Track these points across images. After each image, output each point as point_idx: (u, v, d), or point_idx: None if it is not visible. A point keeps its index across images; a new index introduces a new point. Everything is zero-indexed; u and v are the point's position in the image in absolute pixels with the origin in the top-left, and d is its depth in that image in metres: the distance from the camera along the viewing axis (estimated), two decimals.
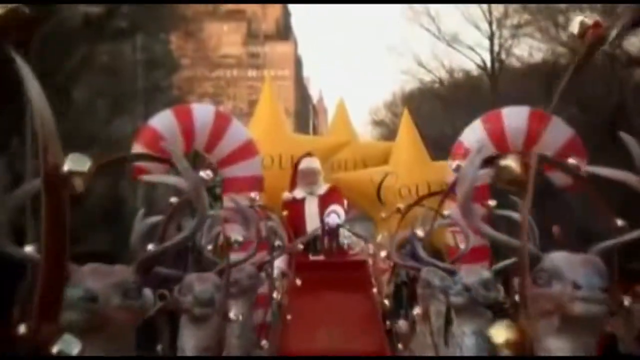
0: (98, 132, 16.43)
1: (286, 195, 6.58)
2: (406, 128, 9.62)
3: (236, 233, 3.87)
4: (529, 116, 6.55)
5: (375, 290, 4.99)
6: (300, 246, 5.12)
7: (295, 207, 6.32)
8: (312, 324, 4.65)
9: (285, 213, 5.81)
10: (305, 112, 53.98)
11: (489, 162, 2.19)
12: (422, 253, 4.02)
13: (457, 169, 2.59)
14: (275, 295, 4.57)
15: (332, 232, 5.75)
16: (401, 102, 28.03)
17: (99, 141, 16.28)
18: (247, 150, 7.18)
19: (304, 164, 6.75)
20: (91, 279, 2.03)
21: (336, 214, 5.85)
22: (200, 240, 3.94)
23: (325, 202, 6.27)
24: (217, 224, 3.89)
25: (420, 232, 4.13)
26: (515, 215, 3.34)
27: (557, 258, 2.13)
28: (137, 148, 6.91)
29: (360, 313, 4.80)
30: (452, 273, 3.62)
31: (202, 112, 7.24)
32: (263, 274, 4.22)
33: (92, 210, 16.47)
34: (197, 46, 28.82)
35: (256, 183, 7.41)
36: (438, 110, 22.25)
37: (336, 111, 11.87)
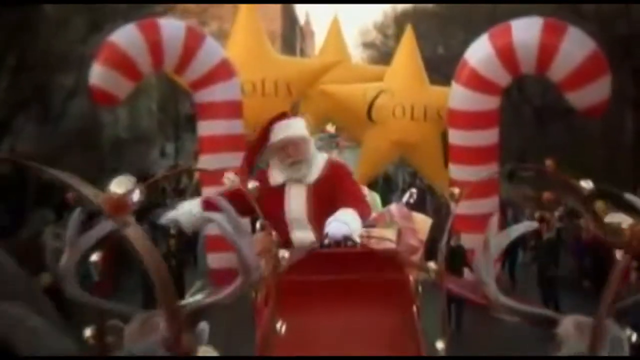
0: (73, 50, 15.61)
1: (251, 186, 3.25)
2: (406, 46, 8.91)
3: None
4: (543, 28, 5.86)
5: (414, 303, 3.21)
6: (285, 254, 2.97)
7: (271, 200, 3.64)
8: (314, 351, 2.94)
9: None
10: (291, 35, 52.49)
11: None
12: None
13: None
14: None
15: (339, 244, 3.41)
16: (393, 22, 27.01)
17: (74, 59, 15.51)
18: (223, 70, 6.54)
19: (279, 132, 3.74)
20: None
21: (339, 222, 3.39)
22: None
23: (320, 196, 3.66)
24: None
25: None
26: None
27: None
28: (97, 67, 6.34)
29: (391, 332, 3.06)
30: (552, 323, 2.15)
31: (172, 27, 6.52)
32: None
33: (69, 132, 15.83)
34: None
35: (234, 109, 6.75)
36: (433, 30, 21.30)
37: (329, 30, 11.18)
